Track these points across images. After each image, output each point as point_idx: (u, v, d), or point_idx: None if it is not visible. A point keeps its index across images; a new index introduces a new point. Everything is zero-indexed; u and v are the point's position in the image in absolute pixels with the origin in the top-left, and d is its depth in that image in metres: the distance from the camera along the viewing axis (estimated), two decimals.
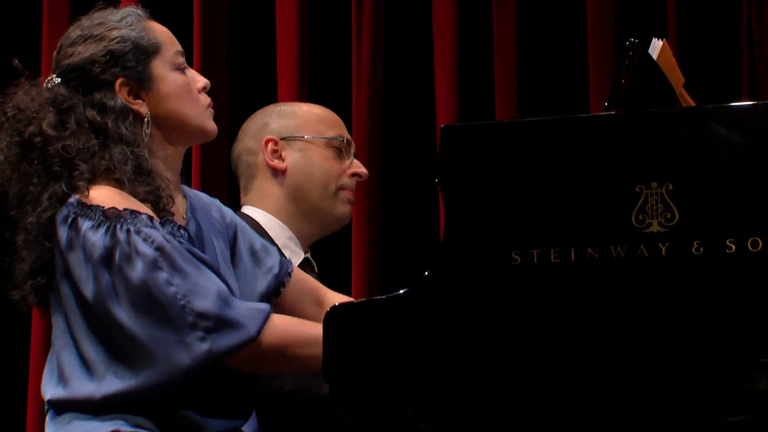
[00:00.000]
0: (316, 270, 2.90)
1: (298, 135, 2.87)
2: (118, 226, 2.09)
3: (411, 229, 3.84)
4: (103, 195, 2.14)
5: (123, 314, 2.07)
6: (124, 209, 2.12)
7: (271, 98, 3.63)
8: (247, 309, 2.12)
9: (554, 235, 1.93)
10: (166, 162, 2.25)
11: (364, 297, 3.49)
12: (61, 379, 2.14)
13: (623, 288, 1.91)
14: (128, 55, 2.25)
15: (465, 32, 3.85)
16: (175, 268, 2.09)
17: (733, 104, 2.03)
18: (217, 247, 2.30)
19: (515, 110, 3.78)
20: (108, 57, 2.24)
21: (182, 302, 2.07)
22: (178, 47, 2.32)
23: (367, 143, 3.80)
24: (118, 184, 2.17)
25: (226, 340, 2.07)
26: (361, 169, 2.90)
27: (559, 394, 1.92)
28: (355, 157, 2.95)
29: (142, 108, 2.24)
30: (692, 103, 2.45)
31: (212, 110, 2.34)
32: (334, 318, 1.98)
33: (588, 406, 1.92)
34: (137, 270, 2.07)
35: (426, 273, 1.96)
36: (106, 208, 2.11)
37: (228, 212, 2.42)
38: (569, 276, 1.92)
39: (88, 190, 2.14)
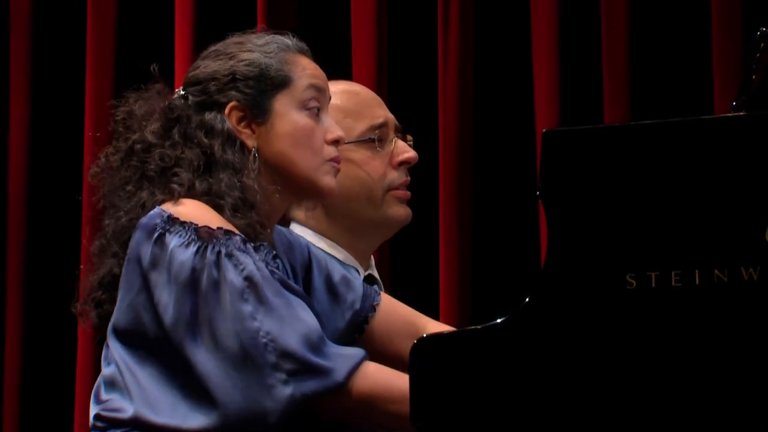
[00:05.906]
0: (381, 288, 2.86)
1: None
2: (210, 247, 2.15)
3: (508, 249, 3.83)
4: (195, 210, 2.19)
5: (202, 346, 2.13)
6: (218, 228, 2.17)
7: None
8: (336, 354, 2.15)
9: (675, 255, 1.93)
10: (267, 203, 2.28)
11: (454, 326, 3.51)
12: (129, 395, 2.18)
13: (757, 316, 1.90)
14: (250, 81, 2.29)
15: (568, 22, 3.84)
16: (261, 301, 2.14)
17: None
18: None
19: (626, 112, 3.76)
20: (229, 78, 2.30)
21: (264, 340, 2.12)
22: (318, 86, 2.33)
23: (455, 150, 3.81)
24: (216, 209, 2.22)
25: (310, 385, 2.12)
26: (408, 154, 2.78)
27: None
28: (399, 132, 2.82)
29: (249, 139, 2.28)
30: None
31: (336, 165, 2.35)
32: (421, 351, 1.99)
33: None
34: (223, 300, 2.13)
35: (527, 299, 1.97)
36: (199, 226, 2.17)
37: (301, 242, 2.45)
38: (693, 302, 1.92)
39: (179, 202, 2.20)
